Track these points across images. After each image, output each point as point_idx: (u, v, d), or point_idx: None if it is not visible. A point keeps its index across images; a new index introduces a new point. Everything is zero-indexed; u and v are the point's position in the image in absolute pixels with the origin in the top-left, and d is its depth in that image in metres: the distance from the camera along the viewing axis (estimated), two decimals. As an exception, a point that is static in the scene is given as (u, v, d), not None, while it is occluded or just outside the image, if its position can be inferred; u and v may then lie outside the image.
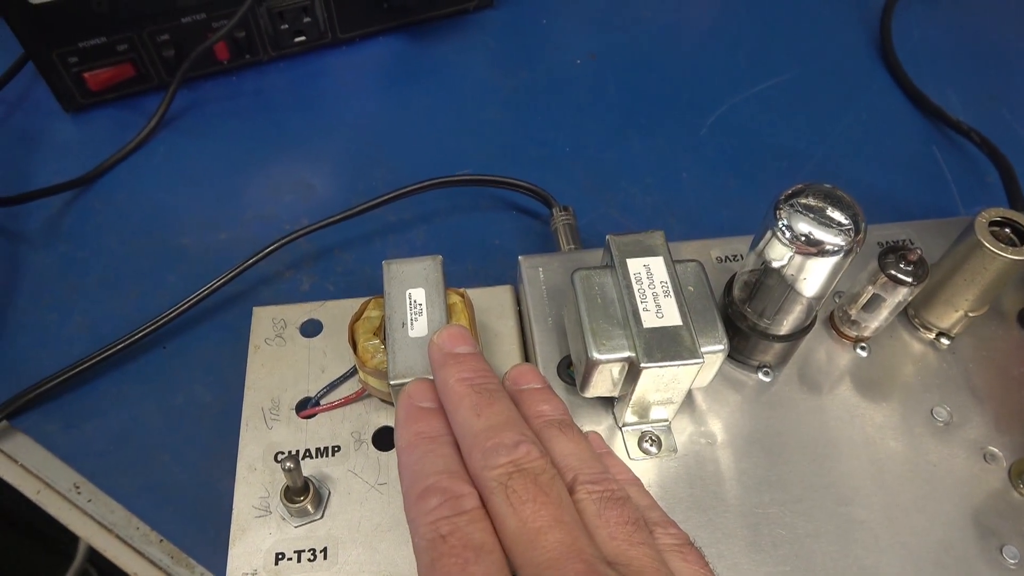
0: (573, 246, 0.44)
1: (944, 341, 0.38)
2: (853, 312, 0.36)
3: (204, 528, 0.39)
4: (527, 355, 0.39)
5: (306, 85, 0.58)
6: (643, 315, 0.31)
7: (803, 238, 0.30)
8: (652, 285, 0.32)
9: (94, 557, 0.69)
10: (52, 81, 0.52)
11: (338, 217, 0.46)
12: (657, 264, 0.33)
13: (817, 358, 0.37)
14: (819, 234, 0.30)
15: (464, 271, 0.48)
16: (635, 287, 0.32)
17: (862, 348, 0.37)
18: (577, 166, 0.54)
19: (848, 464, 0.34)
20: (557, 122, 0.57)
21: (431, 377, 0.30)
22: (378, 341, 0.35)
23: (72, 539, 0.66)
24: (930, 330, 0.38)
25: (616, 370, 0.32)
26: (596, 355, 0.31)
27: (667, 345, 0.30)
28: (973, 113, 0.57)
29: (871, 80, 0.60)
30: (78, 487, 0.41)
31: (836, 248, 0.30)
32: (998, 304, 0.39)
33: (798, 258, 0.30)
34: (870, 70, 0.61)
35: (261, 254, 0.45)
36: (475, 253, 0.49)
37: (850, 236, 0.30)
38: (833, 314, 0.38)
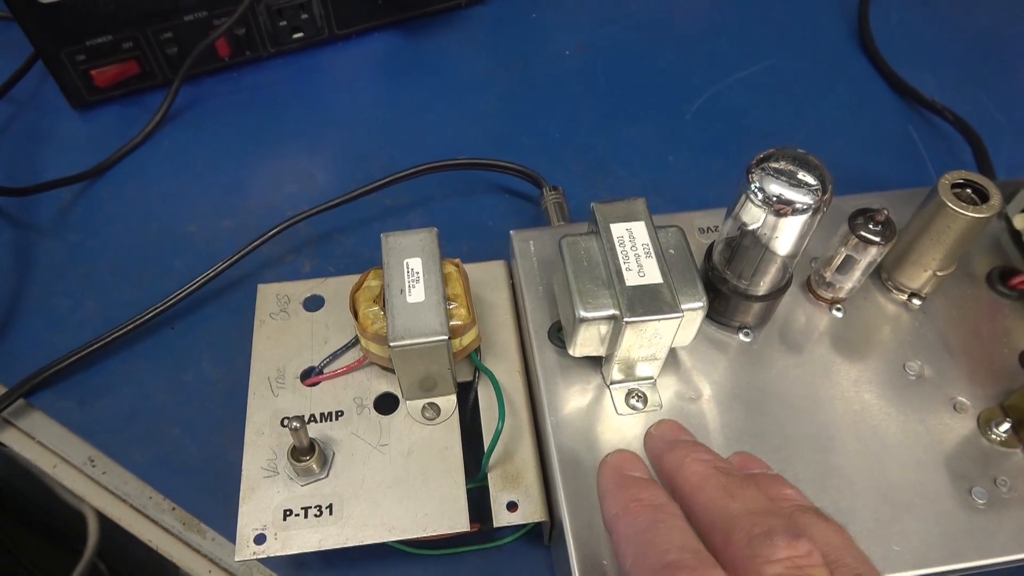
0: (562, 223, 0.46)
1: (916, 301, 0.40)
2: (828, 274, 0.38)
3: (214, 495, 0.41)
4: (520, 323, 0.41)
5: (305, 80, 0.60)
6: (626, 275, 0.33)
7: (775, 199, 0.32)
8: (634, 247, 0.34)
9: (103, 552, 0.70)
10: (60, 79, 0.54)
11: (337, 201, 0.48)
12: (639, 228, 0.35)
13: (795, 320, 0.39)
14: (789, 194, 0.32)
15: (459, 251, 0.49)
16: (618, 249, 0.34)
17: (838, 310, 0.39)
18: (567, 152, 0.56)
19: (825, 416, 0.36)
20: (548, 111, 0.59)
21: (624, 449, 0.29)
22: (378, 308, 0.36)
23: (81, 535, 0.68)
24: (903, 291, 0.40)
25: (603, 328, 0.33)
26: (583, 313, 0.33)
27: (648, 301, 0.32)
28: (950, 95, 0.59)
29: (850, 65, 0.62)
30: (93, 460, 0.42)
31: (805, 207, 0.32)
32: (969, 267, 0.41)
33: (771, 218, 0.32)
34: (849, 55, 0.63)
35: (264, 237, 0.47)
36: (470, 234, 0.51)
37: (818, 195, 0.32)
38: (809, 278, 0.40)
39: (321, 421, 0.38)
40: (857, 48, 0.63)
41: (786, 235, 0.33)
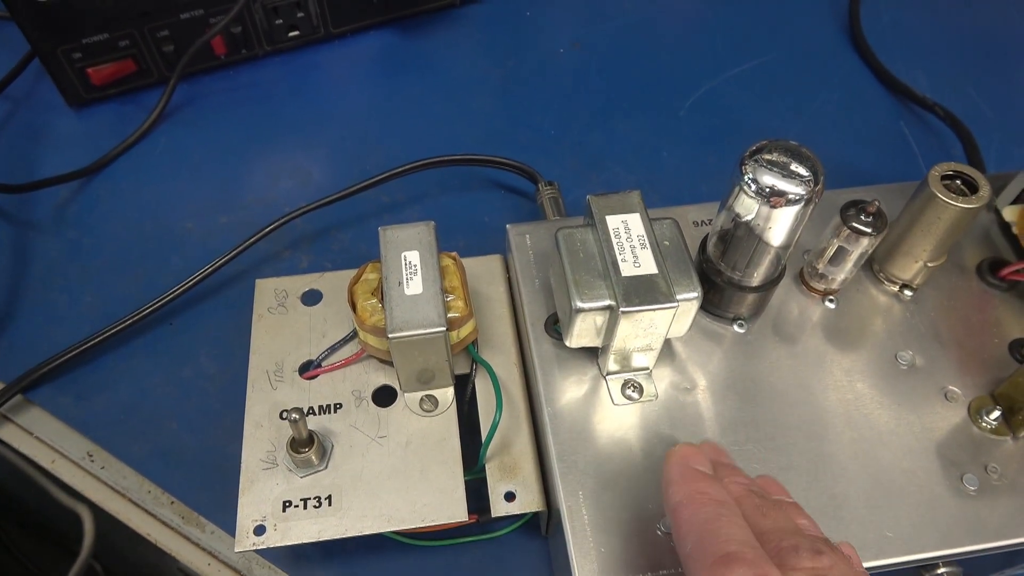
0: (558, 217, 0.46)
1: (907, 293, 0.40)
2: (820, 266, 0.39)
3: (213, 489, 0.41)
4: (516, 316, 0.41)
5: (301, 78, 0.60)
6: (621, 265, 0.33)
7: (767, 190, 0.32)
8: (630, 239, 0.34)
9: (99, 553, 0.70)
10: (57, 77, 0.54)
11: (334, 197, 0.49)
12: (634, 220, 0.35)
13: (789, 311, 0.40)
14: (782, 185, 0.32)
15: (456, 247, 0.49)
16: (614, 241, 0.34)
17: (830, 301, 0.40)
18: (563, 148, 0.57)
19: (818, 405, 0.36)
20: (543, 108, 0.59)
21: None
22: (376, 301, 0.37)
23: (77, 536, 0.67)
24: (894, 283, 0.40)
25: (599, 319, 0.34)
26: (579, 304, 0.33)
27: (644, 291, 0.33)
28: (941, 92, 0.60)
29: (842, 62, 0.63)
30: (91, 455, 0.43)
31: (798, 197, 0.32)
32: (959, 258, 0.42)
33: (764, 209, 0.33)
34: (841, 52, 0.64)
35: (261, 233, 0.47)
36: (466, 230, 0.51)
37: (810, 186, 0.32)
38: (802, 270, 0.40)
39: (320, 414, 0.38)
40: (849, 45, 0.64)
41: (779, 226, 0.33)
